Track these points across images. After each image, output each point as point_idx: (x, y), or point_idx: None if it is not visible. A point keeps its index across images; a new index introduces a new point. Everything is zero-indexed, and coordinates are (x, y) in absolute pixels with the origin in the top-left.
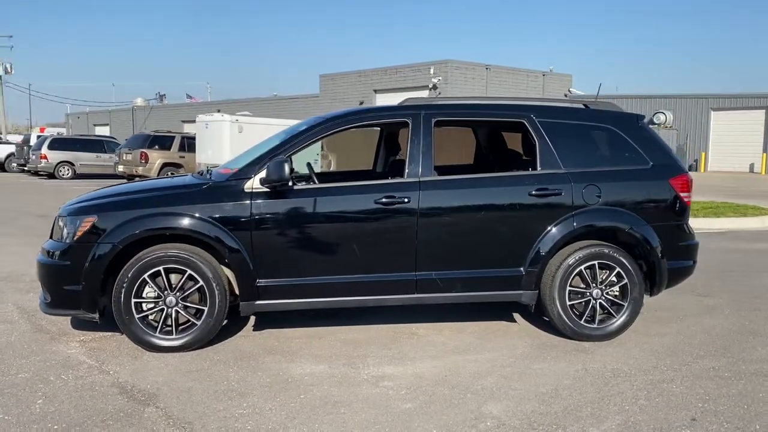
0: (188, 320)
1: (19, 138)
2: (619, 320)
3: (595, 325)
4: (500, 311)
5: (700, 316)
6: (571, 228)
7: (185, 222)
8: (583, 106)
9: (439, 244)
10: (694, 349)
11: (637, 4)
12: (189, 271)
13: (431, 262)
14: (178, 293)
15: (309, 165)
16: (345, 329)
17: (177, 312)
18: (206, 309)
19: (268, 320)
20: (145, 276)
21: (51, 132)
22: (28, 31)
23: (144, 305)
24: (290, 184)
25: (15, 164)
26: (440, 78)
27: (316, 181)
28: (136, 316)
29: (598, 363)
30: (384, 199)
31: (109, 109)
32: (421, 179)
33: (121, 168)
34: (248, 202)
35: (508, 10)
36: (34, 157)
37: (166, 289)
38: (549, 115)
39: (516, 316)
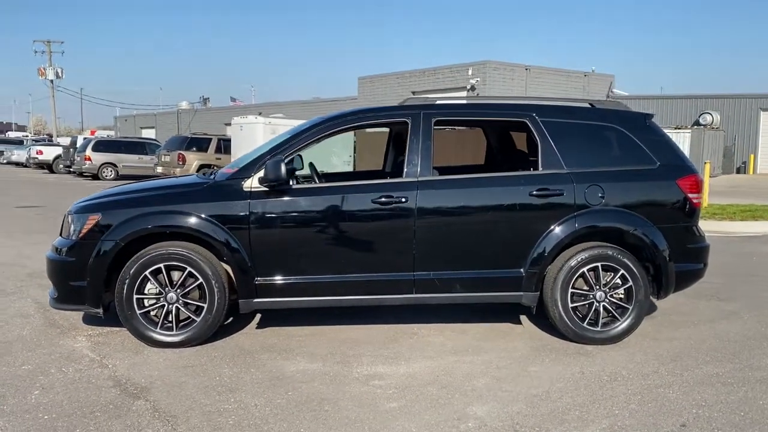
0: (189, 317)
1: (68, 140)
2: (624, 323)
3: (599, 328)
4: (507, 313)
5: (716, 321)
6: (573, 229)
7: (184, 220)
8: (589, 105)
9: (437, 244)
10: (701, 355)
11: (685, 2)
12: (189, 269)
13: (429, 262)
14: (178, 290)
15: (311, 165)
16: (347, 328)
17: (177, 308)
18: (205, 306)
19: (272, 318)
20: (147, 273)
21: (101, 135)
22: (81, 37)
23: (146, 301)
24: (290, 183)
25: (62, 165)
26: (478, 79)
27: (317, 181)
28: (138, 311)
29: (597, 366)
30: (382, 199)
31: (155, 113)
32: (420, 179)
33: (159, 169)
34: (247, 201)
35: (551, 10)
36: (78, 158)
37: (166, 286)
38: (551, 114)
39: (522, 318)
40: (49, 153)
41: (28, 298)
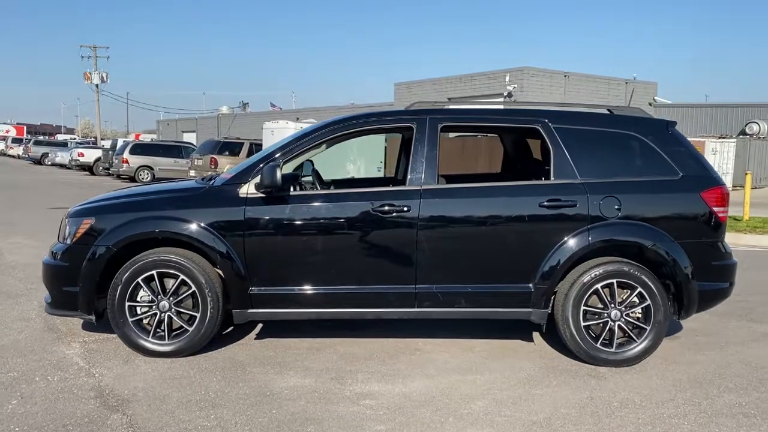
0: (181, 326)
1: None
2: (641, 345)
3: (613, 349)
4: (518, 329)
5: (745, 344)
6: (586, 242)
7: (177, 226)
8: (607, 112)
9: (440, 255)
10: (724, 381)
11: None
12: (182, 276)
13: (432, 274)
14: (171, 298)
15: (314, 170)
16: (347, 341)
17: (170, 317)
18: (198, 315)
19: (273, 329)
20: (139, 279)
21: (144, 138)
22: (128, 42)
23: (138, 309)
24: (290, 189)
25: (101, 168)
26: (515, 86)
27: (318, 187)
28: (130, 319)
29: (608, 391)
30: (384, 207)
31: (196, 117)
32: (423, 187)
33: (192, 173)
34: (242, 207)
35: (593, 16)
36: (116, 161)
37: (159, 294)
38: (566, 121)
39: (535, 335)
40: (89, 155)
41: (34, 301)
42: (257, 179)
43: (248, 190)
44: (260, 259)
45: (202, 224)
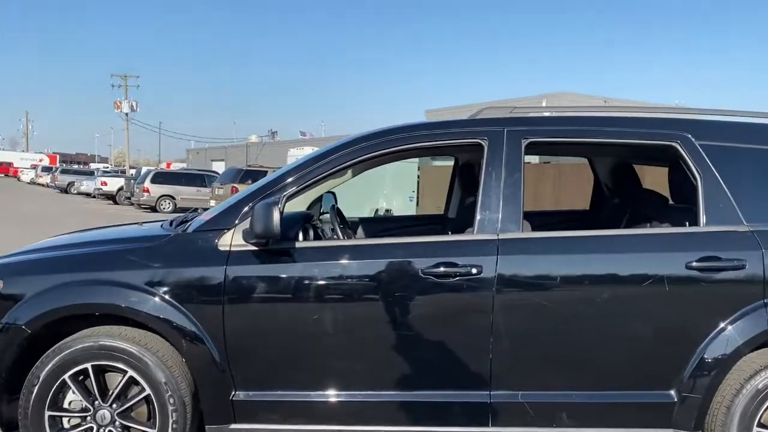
0: None
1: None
2: None
3: None
4: None
5: None
6: (763, 327)
7: (122, 295)
8: None
9: (528, 345)
10: None
11: None
12: (131, 372)
13: (516, 374)
14: (114, 405)
15: (333, 207)
16: None
17: None
18: None
19: None
20: (66, 376)
21: (176, 167)
22: (162, 72)
23: (64, 421)
24: (298, 237)
25: (124, 197)
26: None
27: (339, 233)
28: None
29: None
30: (439, 269)
31: (225, 146)
32: (501, 236)
33: (212, 203)
34: (222, 267)
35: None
36: (137, 190)
37: (96, 398)
38: (719, 135)
39: None
40: (112, 184)
41: None
42: (246, 224)
43: (233, 240)
44: (249, 347)
45: (161, 292)
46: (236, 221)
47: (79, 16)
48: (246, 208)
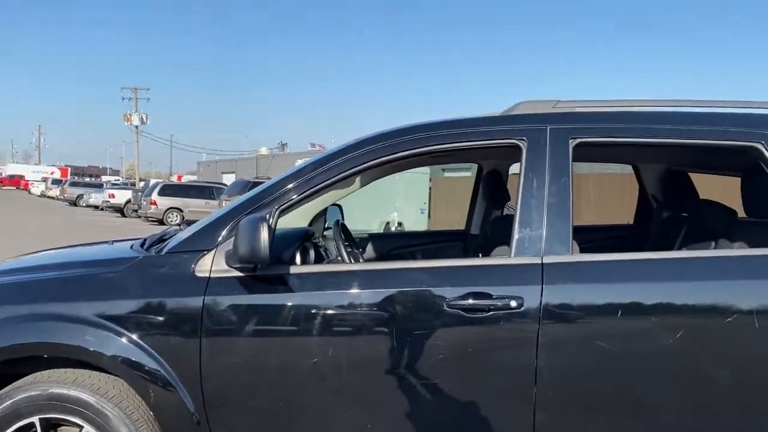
0: None
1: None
2: None
3: None
4: None
5: None
6: None
7: (75, 334)
8: None
9: (581, 394)
10: None
11: None
12: (86, 427)
13: (566, 429)
14: None
15: (338, 222)
16: None
17: None
18: None
19: None
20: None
21: (188, 179)
22: (174, 85)
23: None
24: (294, 260)
25: (132, 210)
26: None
27: (345, 256)
28: None
29: None
30: (468, 301)
31: (236, 158)
32: (546, 259)
33: None
34: (199, 297)
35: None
36: (144, 203)
37: None
38: None
39: None
40: (120, 197)
41: None
42: (229, 244)
43: (213, 264)
44: (231, 395)
45: (125, 329)
46: (218, 240)
47: (92, 31)
48: (230, 225)
